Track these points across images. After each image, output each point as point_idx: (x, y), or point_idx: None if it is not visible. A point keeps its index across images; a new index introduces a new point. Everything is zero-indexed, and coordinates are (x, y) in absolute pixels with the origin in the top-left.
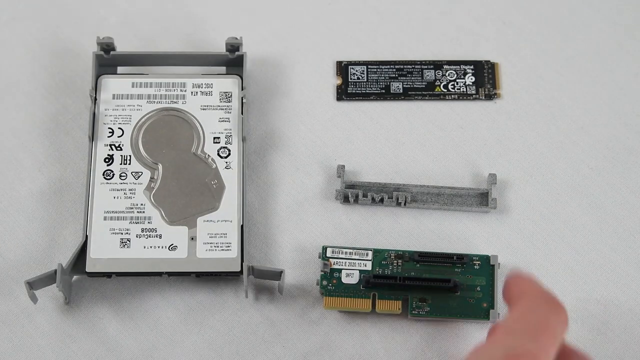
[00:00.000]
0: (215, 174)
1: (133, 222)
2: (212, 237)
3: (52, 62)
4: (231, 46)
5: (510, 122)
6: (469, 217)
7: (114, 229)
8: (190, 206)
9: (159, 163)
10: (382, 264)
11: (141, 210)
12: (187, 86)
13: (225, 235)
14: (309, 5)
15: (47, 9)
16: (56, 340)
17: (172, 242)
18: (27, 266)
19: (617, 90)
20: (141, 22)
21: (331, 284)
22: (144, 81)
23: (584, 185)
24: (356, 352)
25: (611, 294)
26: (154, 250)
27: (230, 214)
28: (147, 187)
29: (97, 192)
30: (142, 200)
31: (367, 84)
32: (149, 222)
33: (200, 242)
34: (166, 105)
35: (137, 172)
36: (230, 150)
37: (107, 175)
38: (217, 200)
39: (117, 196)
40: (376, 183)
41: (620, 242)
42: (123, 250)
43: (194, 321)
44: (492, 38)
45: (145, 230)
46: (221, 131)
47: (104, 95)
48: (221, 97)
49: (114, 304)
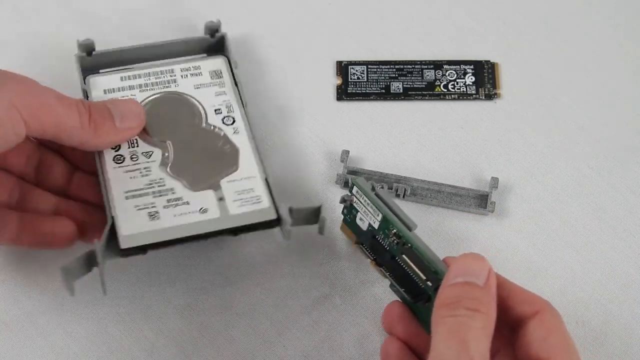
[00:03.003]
0: (226, 140)
1: (156, 195)
2: (240, 194)
3: (44, 61)
4: (210, 29)
5: (510, 122)
6: (468, 217)
7: (138, 205)
8: (211, 171)
9: (167, 140)
10: (385, 232)
11: (162, 184)
12: (176, 71)
13: (253, 190)
14: (309, 5)
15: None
16: (56, 340)
17: (201, 206)
18: (28, 264)
19: (617, 90)
20: (141, 22)
21: (350, 216)
22: (132, 74)
23: (584, 185)
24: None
25: (611, 294)
26: (185, 216)
27: (251, 171)
28: (162, 162)
29: (112, 176)
30: (160, 175)
31: (367, 83)
32: (172, 193)
33: (230, 200)
34: (159, 90)
35: (148, 152)
36: (234, 117)
37: (118, 160)
38: (235, 161)
39: (134, 176)
40: (377, 172)
41: (620, 242)
42: (154, 222)
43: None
44: (492, 38)
45: (171, 201)
46: (220, 103)
47: (94, 92)
48: (212, 75)
49: (113, 304)
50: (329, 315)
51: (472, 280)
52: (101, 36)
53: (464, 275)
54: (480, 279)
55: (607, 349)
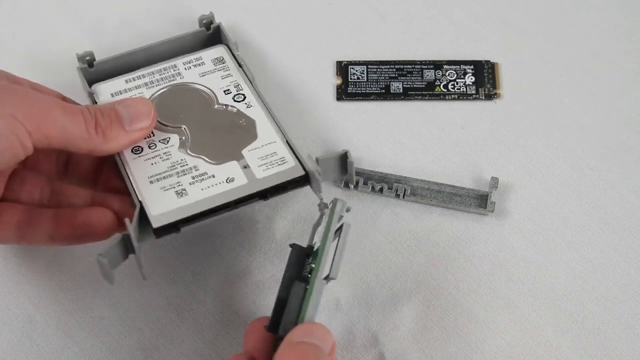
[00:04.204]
0: (240, 115)
1: (180, 175)
2: (264, 159)
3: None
4: (204, 23)
5: (510, 122)
6: (468, 217)
7: (164, 186)
8: (231, 144)
9: (182, 125)
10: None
11: (184, 164)
12: (179, 65)
13: (276, 153)
14: (309, 5)
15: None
16: (56, 340)
17: (227, 176)
18: (28, 264)
19: (617, 90)
20: (138, 23)
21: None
22: (136, 75)
23: (584, 185)
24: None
25: (611, 294)
26: (213, 188)
27: (271, 137)
28: (181, 145)
29: (133, 165)
30: (181, 157)
31: (367, 84)
32: (196, 170)
33: (255, 166)
34: (166, 84)
35: (165, 139)
36: (244, 94)
37: (136, 151)
38: (254, 131)
39: (155, 162)
40: (378, 172)
41: (620, 242)
42: (182, 199)
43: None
44: (492, 38)
45: (196, 177)
46: (227, 84)
47: (102, 97)
48: (214, 62)
49: (114, 304)
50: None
51: (319, 344)
52: (99, 38)
53: (312, 337)
54: (326, 347)
55: (607, 349)
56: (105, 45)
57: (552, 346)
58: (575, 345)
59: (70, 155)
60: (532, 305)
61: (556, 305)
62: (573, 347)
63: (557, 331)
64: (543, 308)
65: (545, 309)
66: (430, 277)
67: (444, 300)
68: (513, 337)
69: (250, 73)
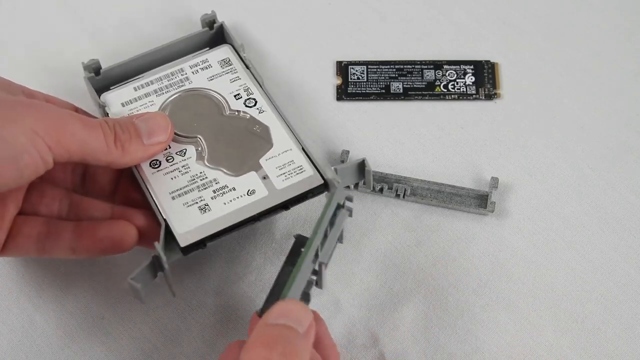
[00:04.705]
0: (254, 121)
1: (201, 189)
2: (282, 168)
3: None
4: (207, 22)
5: (510, 122)
6: (468, 217)
7: (186, 202)
8: (248, 154)
9: (197, 136)
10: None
11: (204, 177)
12: (186, 69)
13: (293, 162)
14: (309, 5)
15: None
16: (56, 340)
17: (248, 188)
18: (27, 265)
19: (617, 90)
20: (140, 25)
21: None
22: (144, 81)
23: (584, 185)
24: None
25: (611, 294)
26: (235, 202)
27: (287, 144)
28: (198, 157)
29: (153, 181)
30: (200, 169)
31: (367, 84)
32: (216, 183)
33: (274, 177)
34: (175, 90)
35: (181, 150)
36: (255, 99)
37: (154, 165)
38: (269, 139)
39: (174, 176)
40: (377, 172)
41: (620, 242)
42: (206, 215)
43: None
44: (492, 38)
45: (217, 191)
46: (237, 88)
47: (113, 108)
48: (221, 64)
49: (114, 304)
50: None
51: (294, 325)
52: (99, 38)
53: (286, 319)
54: (302, 327)
55: (607, 349)
56: (105, 46)
57: (552, 346)
58: (575, 345)
59: (87, 168)
60: (532, 305)
61: (556, 305)
62: (573, 347)
63: (557, 331)
64: (543, 308)
65: (545, 309)
66: (430, 277)
67: (444, 300)
68: (513, 337)
69: (259, 76)
